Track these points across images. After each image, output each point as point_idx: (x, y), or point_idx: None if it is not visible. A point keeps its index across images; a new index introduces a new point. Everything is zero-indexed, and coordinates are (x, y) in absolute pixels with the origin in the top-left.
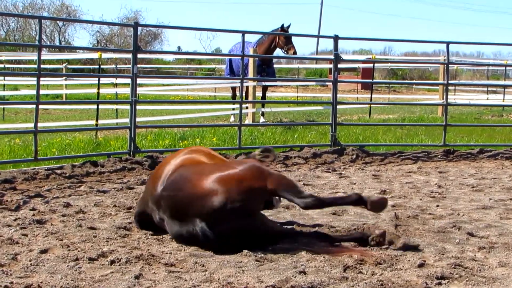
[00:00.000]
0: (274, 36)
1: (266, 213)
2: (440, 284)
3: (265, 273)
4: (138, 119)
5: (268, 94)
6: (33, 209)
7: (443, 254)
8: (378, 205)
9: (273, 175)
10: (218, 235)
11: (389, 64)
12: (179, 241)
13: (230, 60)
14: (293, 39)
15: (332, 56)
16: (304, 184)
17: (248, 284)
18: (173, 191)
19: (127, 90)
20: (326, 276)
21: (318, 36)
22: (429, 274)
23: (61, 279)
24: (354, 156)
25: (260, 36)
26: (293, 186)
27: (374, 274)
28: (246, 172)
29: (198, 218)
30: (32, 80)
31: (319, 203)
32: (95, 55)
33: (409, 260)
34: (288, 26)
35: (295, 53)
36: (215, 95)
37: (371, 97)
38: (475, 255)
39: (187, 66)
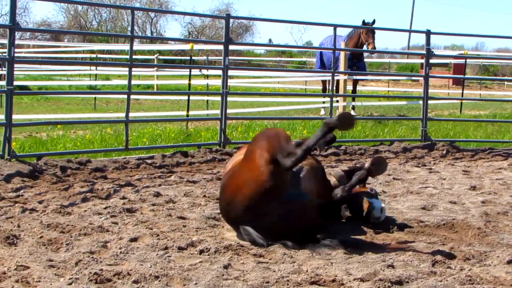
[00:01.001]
0: (362, 30)
1: None
2: None
3: (353, 265)
4: (228, 111)
5: (358, 88)
6: (124, 197)
7: None
8: (346, 121)
9: (268, 143)
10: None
11: (481, 60)
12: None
13: (321, 53)
14: (385, 33)
15: (423, 51)
16: (393, 178)
17: (336, 276)
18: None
19: (218, 82)
20: (414, 270)
21: (410, 31)
22: None
23: (150, 267)
24: (444, 152)
25: (351, 30)
26: (282, 147)
27: (463, 269)
28: (253, 157)
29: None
30: (124, 71)
31: (301, 154)
32: (186, 47)
33: (498, 256)
34: (373, 22)
35: (374, 48)
36: (305, 88)
37: (462, 92)
38: None
39: (278, 58)
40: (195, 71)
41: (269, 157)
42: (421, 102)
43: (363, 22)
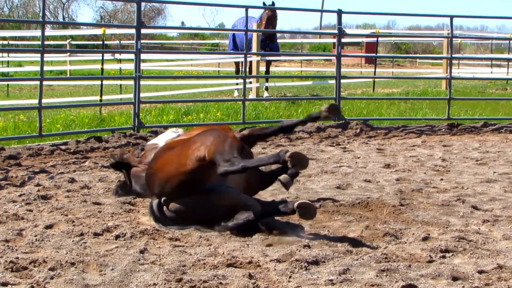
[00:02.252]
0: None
1: (271, 187)
2: (444, 257)
3: (269, 247)
4: (142, 95)
5: (271, 69)
6: (38, 184)
7: (447, 228)
8: (297, 160)
9: (213, 143)
10: (170, 211)
11: (393, 38)
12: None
13: (234, 35)
14: (297, 13)
15: (335, 31)
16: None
17: (252, 258)
18: (147, 168)
19: (131, 66)
20: (330, 250)
21: (322, 11)
22: (433, 247)
23: (66, 254)
24: (358, 130)
25: (263, 11)
26: (225, 152)
27: (379, 247)
28: (191, 145)
29: (154, 195)
30: (36, 57)
31: (238, 168)
32: (98, 31)
33: (413, 234)
34: (272, 4)
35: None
36: (219, 70)
37: (375, 71)
38: (479, 228)
39: (190, 41)
40: (107, 56)
41: (203, 156)
42: (333, 81)
43: (263, 4)
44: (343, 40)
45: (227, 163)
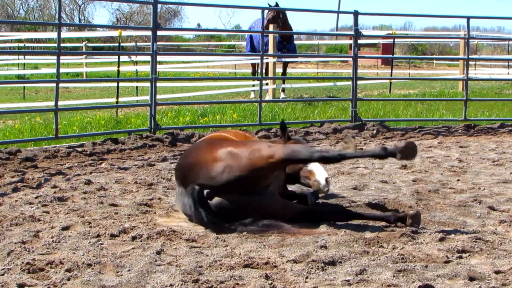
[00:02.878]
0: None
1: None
2: (461, 257)
3: (286, 248)
4: (158, 96)
5: (288, 70)
6: (55, 186)
7: (464, 228)
8: (407, 151)
9: (277, 147)
10: (209, 205)
11: (410, 40)
12: (183, 210)
13: (251, 37)
14: (314, 15)
15: (352, 32)
16: None
17: (269, 258)
18: (182, 158)
19: (147, 68)
20: (347, 250)
21: (338, 12)
22: (450, 247)
23: (83, 255)
24: (374, 131)
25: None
26: (302, 148)
27: (395, 248)
28: (250, 148)
29: (194, 183)
30: (52, 59)
31: (338, 156)
32: (114, 33)
33: (430, 234)
34: (276, 4)
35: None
36: (235, 72)
37: (391, 72)
38: (496, 229)
39: (207, 43)
40: (124, 58)
41: (274, 154)
42: (350, 83)
43: (268, 5)
44: (359, 41)
45: (318, 152)
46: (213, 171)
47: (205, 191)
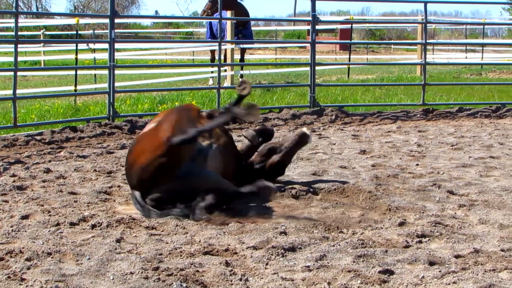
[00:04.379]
0: None
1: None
2: (420, 242)
3: (246, 234)
4: (116, 84)
5: (246, 56)
6: (13, 175)
7: (423, 213)
8: (248, 111)
9: (177, 121)
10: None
11: (367, 25)
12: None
13: (210, 23)
14: (271, 1)
15: (309, 18)
16: None
17: (229, 245)
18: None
19: (105, 56)
20: (307, 236)
21: None
22: (409, 232)
23: (42, 244)
24: (333, 117)
25: None
26: (184, 125)
27: (355, 233)
28: (158, 129)
29: (134, 188)
30: (10, 47)
31: (190, 135)
32: (72, 21)
33: (389, 219)
34: None
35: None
36: (193, 59)
37: (349, 57)
38: (455, 213)
39: (164, 30)
40: (82, 46)
41: (170, 136)
42: (308, 68)
43: None
44: (317, 27)
45: (181, 133)
46: (135, 174)
47: (137, 193)
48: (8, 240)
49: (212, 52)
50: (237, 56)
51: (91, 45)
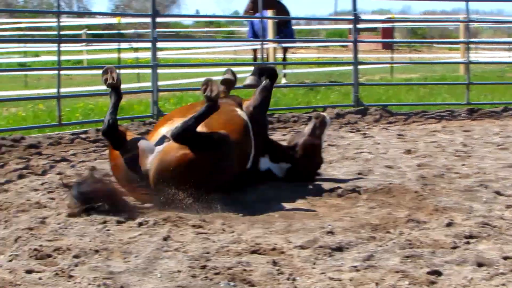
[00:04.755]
0: None
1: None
2: (468, 243)
3: (292, 234)
4: (159, 83)
5: (288, 55)
6: (60, 173)
7: (470, 213)
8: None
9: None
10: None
11: (409, 24)
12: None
13: (252, 23)
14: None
15: (351, 17)
16: (328, 144)
17: (276, 244)
18: None
19: (147, 55)
20: (353, 236)
21: None
22: (457, 233)
23: (89, 241)
24: (377, 116)
25: None
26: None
27: (402, 233)
28: None
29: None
30: (53, 47)
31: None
32: (113, 20)
33: (437, 219)
34: None
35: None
36: (235, 58)
37: (392, 56)
38: (502, 214)
39: (206, 29)
40: (124, 45)
41: None
42: (351, 67)
43: None
44: (359, 26)
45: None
46: None
47: None
48: (56, 237)
49: (254, 51)
50: (280, 55)
51: (133, 44)
